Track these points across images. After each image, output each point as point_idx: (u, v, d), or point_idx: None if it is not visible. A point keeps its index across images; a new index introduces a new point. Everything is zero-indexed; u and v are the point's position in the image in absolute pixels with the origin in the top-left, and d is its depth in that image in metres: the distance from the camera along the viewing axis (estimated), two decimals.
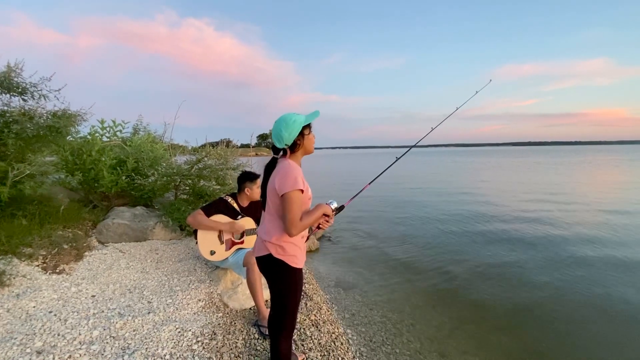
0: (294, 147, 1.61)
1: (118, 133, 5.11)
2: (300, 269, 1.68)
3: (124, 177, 4.43)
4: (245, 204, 3.03)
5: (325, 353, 2.31)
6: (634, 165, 24.38)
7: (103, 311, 2.37)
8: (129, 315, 2.32)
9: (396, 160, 2.33)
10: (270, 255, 1.61)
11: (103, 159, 4.35)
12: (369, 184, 2.16)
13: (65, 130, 3.51)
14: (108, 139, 4.88)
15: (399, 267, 4.43)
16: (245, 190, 2.95)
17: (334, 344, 2.45)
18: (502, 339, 2.82)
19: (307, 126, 1.64)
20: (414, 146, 2.71)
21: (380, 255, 4.95)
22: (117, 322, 2.21)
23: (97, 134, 4.68)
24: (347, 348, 2.45)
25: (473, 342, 2.77)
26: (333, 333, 2.59)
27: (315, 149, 1.74)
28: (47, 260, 3.05)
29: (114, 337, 2.07)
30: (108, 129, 4.93)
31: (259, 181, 2.95)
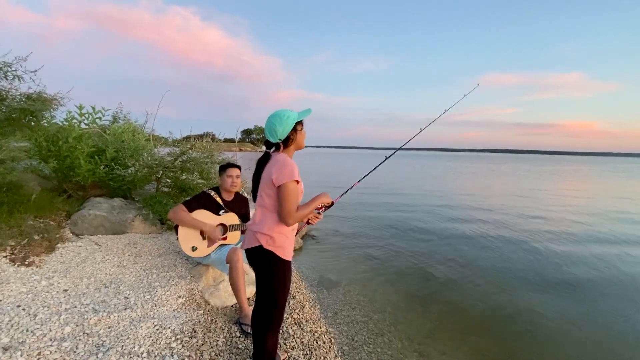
0: (287, 142, 1.67)
1: (97, 120, 4.90)
2: (289, 262, 1.70)
3: (102, 167, 4.25)
4: (228, 197, 2.95)
5: (308, 352, 2.30)
6: (608, 176, 25.68)
7: (76, 306, 2.25)
8: (104, 311, 2.22)
9: (385, 159, 2.38)
10: (260, 246, 1.62)
11: (80, 146, 4.14)
12: (359, 181, 2.22)
13: (40, 114, 3.33)
14: (86, 126, 4.66)
15: (381, 268, 4.47)
16: (218, 179, 2.92)
17: (317, 342, 2.44)
18: (479, 340, 2.89)
19: (300, 122, 1.69)
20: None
21: (364, 255, 4.98)
22: (91, 318, 2.11)
23: (74, 120, 4.46)
24: (330, 347, 2.45)
25: (452, 342, 2.83)
26: (316, 332, 2.58)
27: None
28: (15, 252, 2.88)
29: (87, 334, 1.98)
30: (87, 115, 4.71)
31: (230, 170, 2.87)
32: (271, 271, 1.65)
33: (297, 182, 1.58)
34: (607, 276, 4.41)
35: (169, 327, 2.18)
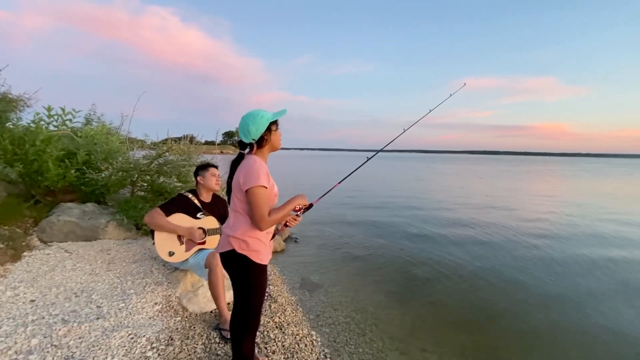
0: (260, 143, 1.62)
1: (67, 122, 4.69)
2: (265, 266, 1.66)
3: (72, 171, 4.07)
4: (206, 198, 2.89)
5: (289, 355, 2.27)
6: (581, 175, 27.00)
7: (44, 317, 2.14)
8: (75, 321, 2.12)
9: (367, 160, 2.36)
10: (233, 250, 1.59)
11: (49, 149, 3.95)
12: (339, 183, 2.17)
13: (4, 115, 3.15)
14: (55, 128, 4.45)
15: (363, 268, 4.50)
16: (198, 179, 2.84)
17: (298, 345, 2.42)
18: (459, 336, 2.95)
19: (274, 122, 1.65)
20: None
21: (346, 256, 5.00)
22: (60, 329, 2.01)
23: (42, 122, 4.24)
24: (311, 349, 2.43)
25: (432, 339, 2.87)
26: (297, 335, 2.57)
27: (283, 149, 1.74)
28: None
29: (55, 346, 1.88)
30: (56, 117, 4.50)
31: (213, 169, 2.85)
32: (245, 275, 1.61)
33: (265, 187, 1.52)
34: (590, 273, 4.55)
35: (144, 336, 2.11)
